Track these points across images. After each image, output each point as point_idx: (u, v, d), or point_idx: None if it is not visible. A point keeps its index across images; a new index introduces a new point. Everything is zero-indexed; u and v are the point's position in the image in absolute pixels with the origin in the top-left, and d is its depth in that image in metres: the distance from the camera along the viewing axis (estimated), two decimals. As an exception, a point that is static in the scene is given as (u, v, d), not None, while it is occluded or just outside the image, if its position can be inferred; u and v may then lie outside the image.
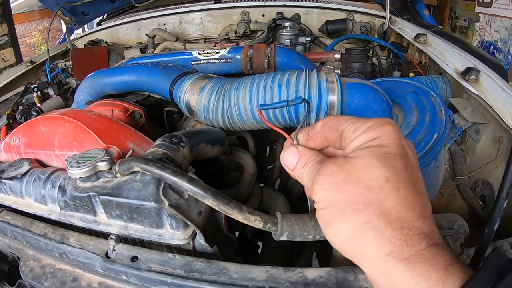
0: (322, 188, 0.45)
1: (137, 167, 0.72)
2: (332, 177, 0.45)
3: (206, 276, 0.67)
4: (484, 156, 1.29)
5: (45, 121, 1.04)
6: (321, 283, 0.63)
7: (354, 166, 0.44)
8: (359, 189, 0.43)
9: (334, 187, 0.44)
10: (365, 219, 0.42)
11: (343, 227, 0.43)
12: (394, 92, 1.20)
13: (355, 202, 0.43)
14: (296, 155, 0.53)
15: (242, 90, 1.08)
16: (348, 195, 0.43)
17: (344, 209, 0.43)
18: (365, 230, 0.42)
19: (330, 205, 0.45)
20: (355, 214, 0.42)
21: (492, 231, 0.52)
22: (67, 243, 0.82)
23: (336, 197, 0.44)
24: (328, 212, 0.45)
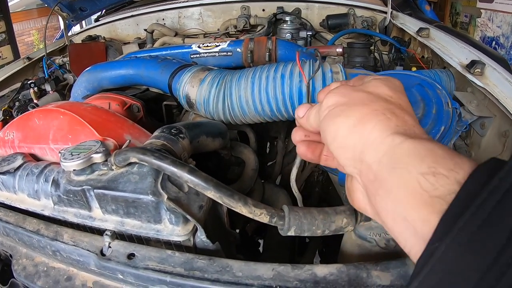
0: (334, 93, 0.47)
1: (134, 158, 0.68)
2: (343, 87, 0.48)
3: (208, 275, 0.63)
4: (490, 150, 1.26)
5: (39, 114, 1.02)
6: (332, 281, 0.59)
7: (364, 84, 0.47)
8: (369, 96, 0.45)
9: (345, 93, 0.46)
10: (374, 107, 0.43)
11: (351, 114, 0.43)
12: (399, 84, 1.17)
13: (363, 101, 0.44)
14: (308, 106, 0.55)
15: (244, 82, 1.05)
16: (359, 97, 0.45)
17: (354, 104, 0.44)
18: (372, 115, 0.42)
19: (340, 104, 0.45)
20: (363, 105, 0.43)
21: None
22: (60, 240, 0.79)
23: (346, 98, 0.45)
24: (337, 108, 0.45)
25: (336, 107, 0.45)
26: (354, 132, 0.42)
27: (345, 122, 0.43)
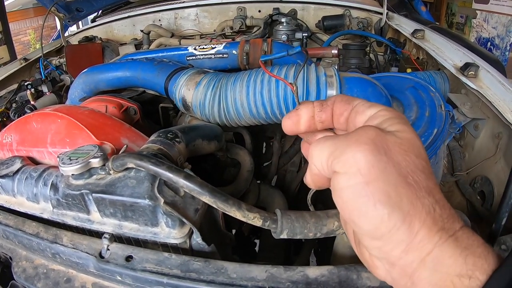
0: (366, 149, 0.38)
1: (131, 163, 0.70)
2: (378, 139, 0.39)
3: (203, 276, 0.65)
4: (483, 152, 1.27)
5: (37, 117, 1.02)
6: (323, 282, 0.61)
7: (400, 138, 0.39)
8: (407, 163, 0.38)
9: (381, 152, 0.38)
10: (420, 195, 0.37)
11: (400, 205, 0.37)
12: (393, 87, 1.19)
13: (404, 175, 0.38)
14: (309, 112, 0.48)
15: (239, 85, 1.07)
16: (397, 167, 0.38)
17: (396, 184, 0.37)
18: (421, 207, 0.37)
19: (380, 177, 0.37)
20: (409, 189, 0.37)
21: (499, 227, 0.50)
22: (59, 242, 0.80)
23: (385, 165, 0.37)
24: (377, 187, 0.37)
25: (374, 182, 0.37)
26: (401, 228, 0.37)
27: (392, 214, 0.36)
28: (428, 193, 0.38)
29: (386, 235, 0.37)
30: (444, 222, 0.37)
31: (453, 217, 0.38)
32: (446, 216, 0.38)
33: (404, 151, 0.38)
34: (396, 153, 0.38)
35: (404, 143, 0.39)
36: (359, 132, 0.40)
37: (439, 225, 0.37)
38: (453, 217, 0.38)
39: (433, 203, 0.37)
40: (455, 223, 0.38)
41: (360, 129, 0.40)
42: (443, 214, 0.38)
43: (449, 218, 0.38)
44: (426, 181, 0.38)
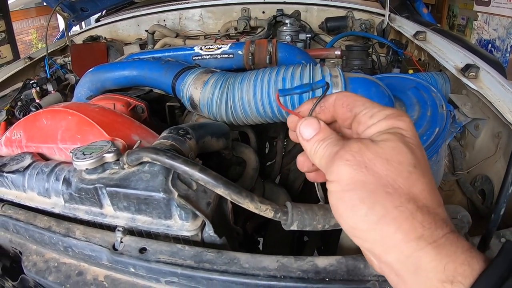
0: (347, 165, 0.43)
1: (147, 157, 0.72)
2: (359, 154, 0.43)
3: (217, 266, 0.67)
4: (484, 151, 1.30)
5: (47, 114, 1.04)
6: (332, 271, 0.63)
7: (382, 148, 0.43)
8: (388, 172, 0.42)
9: (361, 165, 0.42)
10: (396, 203, 0.40)
11: (373, 210, 0.41)
12: (396, 87, 1.20)
13: (384, 184, 0.41)
14: (316, 127, 0.50)
15: (246, 85, 1.09)
16: (376, 176, 0.42)
17: (373, 191, 0.41)
18: (396, 213, 0.40)
19: (357, 186, 0.42)
20: (386, 197, 0.41)
21: (498, 217, 0.52)
22: (72, 236, 0.82)
23: (363, 177, 0.42)
24: (354, 194, 0.42)
25: (354, 190, 0.42)
26: (375, 230, 0.41)
27: (366, 216, 0.41)
28: (409, 200, 0.41)
29: (362, 235, 0.43)
30: (424, 229, 0.40)
31: (437, 224, 0.41)
32: (428, 222, 0.40)
33: (385, 160, 0.42)
34: (377, 164, 0.42)
35: (387, 152, 0.42)
36: (346, 147, 0.44)
37: (418, 232, 0.40)
38: (436, 224, 0.41)
39: (414, 210, 0.40)
40: (438, 229, 0.40)
41: (347, 144, 0.45)
42: (425, 220, 0.40)
43: (432, 225, 0.40)
44: (409, 188, 0.41)
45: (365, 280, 0.62)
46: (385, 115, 0.46)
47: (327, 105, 0.52)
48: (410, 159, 0.43)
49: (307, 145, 0.51)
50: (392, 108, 0.47)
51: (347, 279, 0.62)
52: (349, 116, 0.49)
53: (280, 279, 0.63)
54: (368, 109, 0.47)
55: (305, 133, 0.51)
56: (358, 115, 0.48)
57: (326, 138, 0.49)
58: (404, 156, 0.43)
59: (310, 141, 0.50)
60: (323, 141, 0.48)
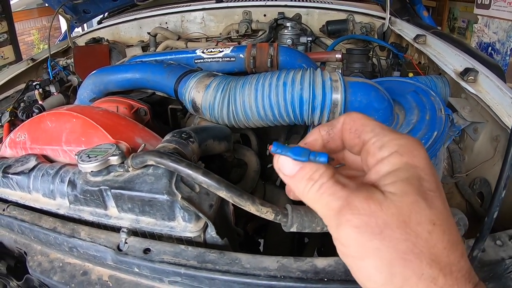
0: (357, 232, 0.37)
1: (151, 161, 0.74)
2: (372, 219, 0.37)
3: (219, 267, 0.69)
4: (482, 154, 1.31)
5: (51, 116, 1.05)
6: (331, 272, 0.65)
7: (398, 207, 0.37)
8: (406, 236, 0.37)
9: (375, 232, 0.37)
10: (417, 271, 0.36)
11: (391, 280, 0.37)
12: (395, 91, 1.22)
13: (403, 251, 0.37)
14: (296, 162, 0.43)
15: (248, 88, 1.10)
16: (393, 243, 0.37)
17: (390, 260, 0.37)
18: (417, 282, 0.36)
19: (370, 254, 0.37)
20: (405, 265, 0.36)
21: (491, 220, 0.54)
22: (77, 236, 0.84)
23: (378, 245, 0.37)
24: (368, 263, 0.37)
25: (367, 258, 0.37)
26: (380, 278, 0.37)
27: (384, 286, 0.37)
28: (431, 264, 0.37)
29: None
30: None
31: (460, 282, 0.37)
32: (450, 284, 0.37)
33: (403, 223, 0.37)
34: (394, 228, 0.37)
35: (404, 212, 0.37)
36: (352, 207, 0.38)
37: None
38: (459, 283, 0.37)
39: (436, 275, 0.36)
40: (464, 286, 0.37)
41: (353, 203, 0.38)
42: (447, 283, 0.37)
43: (454, 286, 0.37)
44: (429, 250, 0.37)
45: (362, 281, 0.64)
46: (397, 146, 0.40)
47: (336, 131, 0.47)
48: (430, 216, 0.38)
49: (292, 184, 0.44)
50: (403, 135, 0.42)
51: (345, 280, 0.64)
52: (357, 143, 0.44)
53: (280, 279, 0.65)
54: (378, 137, 0.42)
55: (286, 168, 0.44)
56: (367, 144, 0.43)
57: (315, 175, 0.42)
58: (423, 214, 0.37)
59: (294, 178, 0.43)
60: (312, 180, 0.42)
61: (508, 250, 0.73)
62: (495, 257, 0.72)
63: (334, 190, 0.40)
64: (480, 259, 0.71)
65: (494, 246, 0.74)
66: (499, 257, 0.72)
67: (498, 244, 0.75)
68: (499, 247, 0.74)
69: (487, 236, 0.58)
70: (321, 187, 0.41)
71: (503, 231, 0.78)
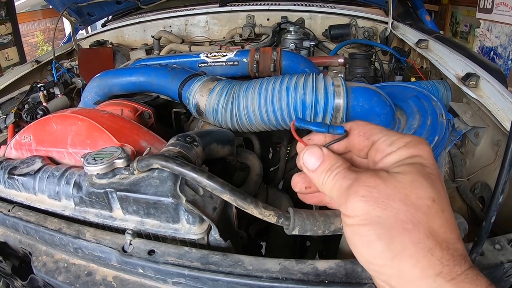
0: (363, 201, 0.42)
1: (156, 164, 0.75)
2: (376, 190, 0.42)
3: (222, 268, 0.70)
4: (483, 159, 1.31)
5: (57, 119, 1.07)
6: (331, 274, 0.67)
7: (400, 182, 0.42)
8: (406, 207, 0.41)
9: (378, 201, 0.41)
10: (415, 239, 0.40)
11: (390, 246, 0.40)
12: (397, 96, 1.23)
13: (402, 220, 0.41)
14: (319, 156, 0.49)
15: (251, 93, 1.11)
16: (394, 212, 0.41)
17: (390, 227, 0.41)
18: (414, 250, 0.40)
19: (373, 221, 0.41)
20: (404, 233, 0.40)
21: (489, 224, 0.55)
22: (82, 238, 0.85)
23: (380, 213, 0.41)
24: (371, 229, 0.41)
25: (369, 225, 0.41)
26: (392, 265, 0.41)
27: (383, 253, 0.41)
28: (428, 235, 0.40)
29: (377, 268, 0.43)
30: (443, 266, 0.39)
31: (456, 260, 0.40)
32: (447, 259, 0.40)
33: (404, 195, 0.41)
34: (395, 199, 0.41)
35: (405, 186, 0.42)
36: (360, 181, 0.44)
37: (437, 269, 0.39)
38: (455, 260, 0.40)
39: (432, 246, 0.40)
40: (457, 266, 0.40)
41: (361, 178, 0.44)
42: (444, 257, 0.40)
43: (450, 261, 0.40)
44: (428, 223, 0.41)
45: (362, 283, 0.65)
46: (404, 143, 0.45)
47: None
48: (430, 193, 0.42)
49: (314, 176, 0.50)
50: (410, 135, 0.47)
51: (345, 282, 0.65)
52: (366, 145, 0.49)
53: (282, 281, 0.66)
54: (387, 137, 0.47)
55: (309, 164, 0.50)
56: (376, 143, 0.48)
57: (333, 167, 0.48)
58: (424, 190, 0.42)
59: (316, 171, 0.49)
60: (330, 171, 0.48)
61: (507, 254, 0.74)
62: (494, 261, 0.73)
63: (346, 174, 0.46)
64: (479, 262, 0.72)
65: (493, 250, 0.75)
66: (498, 261, 0.73)
67: (497, 248, 0.75)
68: (498, 251, 0.75)
69: (485, 240, 0.59)
70: (337, 174, 0.47)
71: (502, 235, 0.79)
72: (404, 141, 0.45)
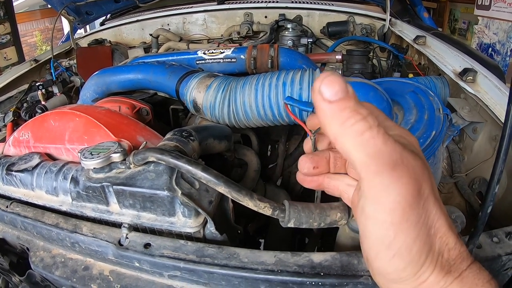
0: (406, 188, 0.37)
1: (152, 157, 0.75)
2: (424, 177, 0.39)
3: (217, 261, 0.70)
4: (481, 154, 1.31)
5: (55, 115, 1.07)
6: (327, 266, 0.67)
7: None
8: (436, 209, 0.40)
9: (421, 198, 0.39)
10: (429, 241, 0.39)
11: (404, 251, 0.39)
12: (394, 91, 1.23)
13: (430, 226, 0.40)
14: (344, 88, 0.35)
15: (248, 88, 1.12)
16: (426, 218, 0.40)
17: (418, 238, 0.39)
18: (429, 253, 0.39)
19: (406, 228, 0.39)
20: (418, 233, 0.39)
21: (485, 216, 0.55)
22: (79, 232, 0.85)
23: (417, 218, 0.39)
24: (401, 237, 0.38)
25: (403, 231, 0.38)
26: (406, 271, 0.39)
27: (399, 261, 0.39)
28: (440, 237, 0.40)
29: (394, 279, 0.41)
30: (450, 265, 0.39)
31: (461, 256, 0.40)
32: (454, 257, 0.40)
33: (436, 199, 0.40)
34: (431, 198, 0.39)
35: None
36: (409, 165, 0.37)
37: (446, 269, 0.39)
38: (461, 256, 0.40)
39: (441, 247, 0.40)
40: (462, 263, 0.40)
41: (408, 161, 0.37)
42: (451, 256, 0.40)
43: (457, 259, 0.40)
44: (434, 192, 0.40)
45: (358, 275, 0.65)
46: None
47: None
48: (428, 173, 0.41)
49: (327, 109, 0.36)
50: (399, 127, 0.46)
51: (341, 274, 0.65)
52: None
53: (277, 273, 0.66)
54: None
55: (327, 92, 0.36)
56: None
57: (362, 111, 0.36)
58: (424, 168, 0.40)
59: (333, 103, 0.36)
60: (357, 113, 0.36)
61: (505, 247, 0.74)
62: (492, 254, 0.73)
63: (387, 139, 0.37)
64: (476, 255, 0.72)
65: (490, 243, 0.75)
66: (496, 254, 0.73)
67: (494, 241, 0.75)
68: (496, 244, 0.75)
69: (481, 232, 0.59)
70: (372, 130, 0.36)
71: (500, 228, 0.79)
72: None
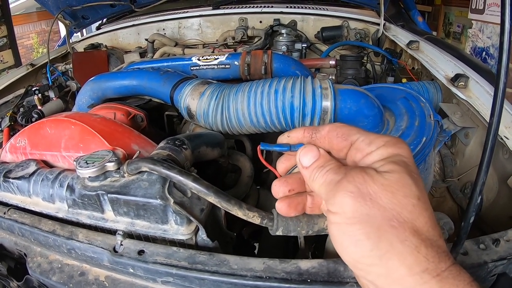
0: (351, 197, 0.43)
1: (145, 167, 0.77)
2: (364, 186, 0.43)
3: (208, 267, 0.72)
4: (473, 158, 1.33)
5: (51, 123, 1.08)
6: (314, 273, 0.69)
7: (388, 180, 0.43)
8: (393, 205, 0.42)
9: (366, 198, 0.42)
10: (402, 237, 0.41)
11: (378, 245, 0.41)
12: (386, 97, 1.24)
13: (389, 218, 0.41)
14: (316, 154, 0.50)
15: (241, 96, 1.13)
16: (382, 210, 0.42)
17: (378, 226, 0.41)
18: (401, 248, 0.40)
19: (362, 220, 0.42)
20: (391, 231, 0.41)
21: (468, 224, 0.56)
22: (75, 239, 0.87)
23: (368, 211, 0.42)
24: (359, 228, 0.42)
25: (357, 224, 0.42)
26: (380, 264, 0.41)
27: (372, 251, 0.41)
28: (413, 233, 0.41)
29: (365, 268, 0.43)
30: (428, 263, 0.40)
31: (440, 257, 0.41)
32: (432, 255, 0.40)
33: (391, 193, 0.42)
34: (382, 197, 0.42)
35: (392, 184, 0.42)
36: (349, 177, 0.44)
37: (423, 266, 0.40)
38: (440, 257, 0.41)
39: (418, 244, 0.41)
40: (441, 263, 0.40)
41: (350, 174, 0.44)
42: (429, 254, 0.40)
43: (435, 258, 0.40)
44: (413, 221, 0.42)
45: (344, 282, 0.68)
46: (383, 142, 0.47)
47: (319, 136, 0.53)
48: (415, 192, 0.43)
49: (306, 172, 0.51)
50: (387, 135, 0.48)
51: (327, 281, 0.68)
52: (345, 145, 0.50)
53: (266, 280, 0.69)
54: (365, 136, 0.48)
55: (304, 161, 0.51)
56: (355, 143, 0.49)
57: (326, 164, 0.49)
58: (409, 189, 0.43)
59: (309, 168, 0.50)
60: (323, 167, 0.49)
61: (491, 254, 0.75)
62: (478, 261, 0.74)
63: (337, 170, 0.47)
64: (462, 262, 0.73)
65: (477, 250, 0.76)
66: (482, 261, 0.74)
67: (481, 248, 0.77)
68: (482, 251, 0.76)
69: (464, 240, 0.61)
70: (328, 170, 0.48)
71: (487, 235, 0.80)
72: (383, 140, 0.47)
